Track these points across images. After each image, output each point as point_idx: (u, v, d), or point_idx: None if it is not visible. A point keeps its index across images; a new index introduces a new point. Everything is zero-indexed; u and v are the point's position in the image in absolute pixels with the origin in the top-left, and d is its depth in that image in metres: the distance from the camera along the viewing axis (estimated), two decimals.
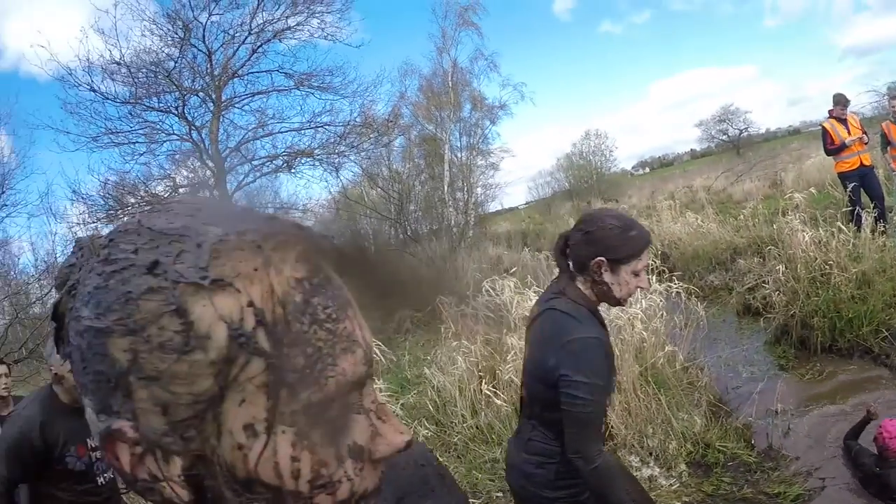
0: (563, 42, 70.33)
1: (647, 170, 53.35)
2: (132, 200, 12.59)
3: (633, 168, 51.23)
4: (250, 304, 0.44)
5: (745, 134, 39.29)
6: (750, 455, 4.28)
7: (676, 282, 5.87)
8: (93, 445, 2.71)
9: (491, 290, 6.36)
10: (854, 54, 69.92)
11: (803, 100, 67.89)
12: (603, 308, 2.08)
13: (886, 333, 5.65)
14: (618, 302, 2.01)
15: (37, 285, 12.70)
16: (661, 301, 5.52)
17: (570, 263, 2.02)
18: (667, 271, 6.45)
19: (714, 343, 6.34)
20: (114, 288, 0.45)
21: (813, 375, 5.66)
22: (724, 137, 40.71)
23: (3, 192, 9.79)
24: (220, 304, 0.44)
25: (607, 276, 1.92)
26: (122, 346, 0.44)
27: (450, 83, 17.85)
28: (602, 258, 1.90)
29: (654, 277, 5.90)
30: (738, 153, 32.41)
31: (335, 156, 13.94)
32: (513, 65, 50.01)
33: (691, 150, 52.79)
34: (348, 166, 15.44)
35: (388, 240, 17.14)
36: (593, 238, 1.93)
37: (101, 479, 2.80)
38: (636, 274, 1.95)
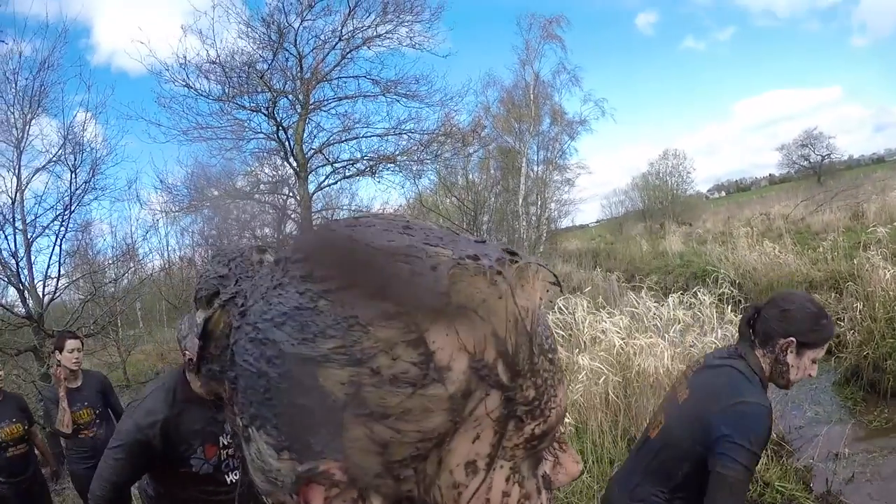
0: (644, 57, 69.72)
1: (723, 193, 52.28)
2: (214, 192, 13.23)
3: (708, 191, 50.39)
4: (494, 333, 0.42)
5: (827, 160, 38.05)
6: (808, 499, 4.21)
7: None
8: (225, 443, 2.42)
9: (563, 309, 6.42)
10: None
11: (890, 125, 65.23)
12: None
13: None
14: (787, 384, 2.00)
15: (113, 266, 13.71)
16: (735, 333, 5.47)
17: (754, 333, 2.01)
18: (743, 301, 6.46)
19: None
20: (327, 311, 0.41)
21: (881, 423, 5.54)
22: (806, 163, 39.54)
23: (92, 177, 10.43)
24: (464, 332, 0.41)
25: (790, 358, 1.93)
26: (341, 377, 0.40)
27: (531, 96, 18.08)
28: (793, 339, 1.91)
29: (728, 307, 5.91)
30: (819, 181, 31.50)
31: (416, 163, 14.21)
32: (594, 79, 49.98)
33: (770, 175, 51.66)
34: (427, 174, 15.73)
35: None
36: (790, 317, 1.93)
37: (230, 478, 2.47)
38: (814, 361, 1.96)
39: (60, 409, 4.11)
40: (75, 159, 10.23)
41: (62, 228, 10.15)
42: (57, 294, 10.34)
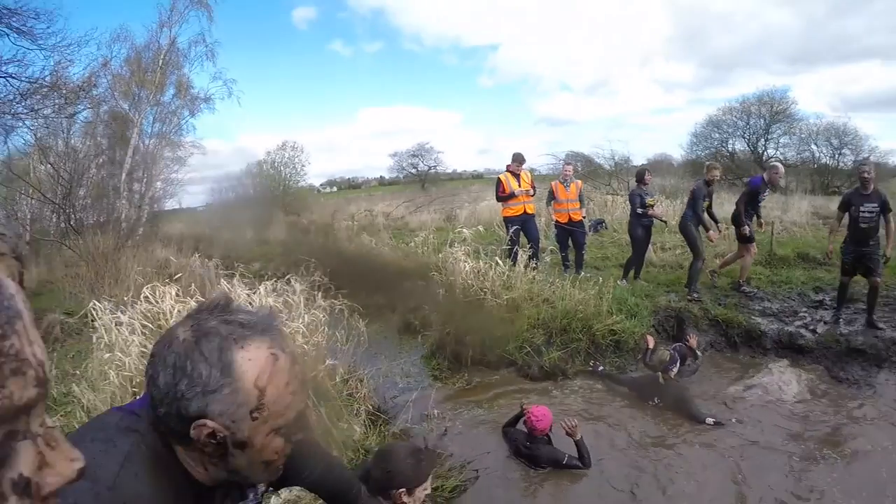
0: (289, 50, 69.77)
1: (335, 189, 54.74)
2: None
3: (321, 185, 52.19)
4: None
5: (433, 170, 42.43)
6: None
7: (341, 299, 6.04)
8: None
9: (151, 297, 5.59)
10: (547, 122, 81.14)
11: (492, 151, 77.44)
12: None
13: (529, 349, 6.74)
14: None
15: None
16: (324, 316, 5.59)
17: (370, 491, 2.18)
18: (333, 288, 6.59)
19: (375, 357, 6.65)
20: None
21: (463, 384, 6.48)
22: (414, 171, 43.59)
23: None
24: None
25: (407, 499, 2.42)
26: None
27: (160, 61, 16.20)
28: (403, 489, 2.41)
29: (319, 294, 5.96)
30: (423, 187, 34.85)
31: (9, 116, 11.62)
32: (230, 59, 47.50)
33: (381, 177, 55.61)
34: (21, 132, 13.24)
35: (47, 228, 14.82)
36: (394, 476, 2.42)
37: None
38: (426, 489, 2.48)
39: None
40: None
41: None
42: None
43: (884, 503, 4.29)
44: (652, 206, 9.13)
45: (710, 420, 5.54)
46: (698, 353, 6.75)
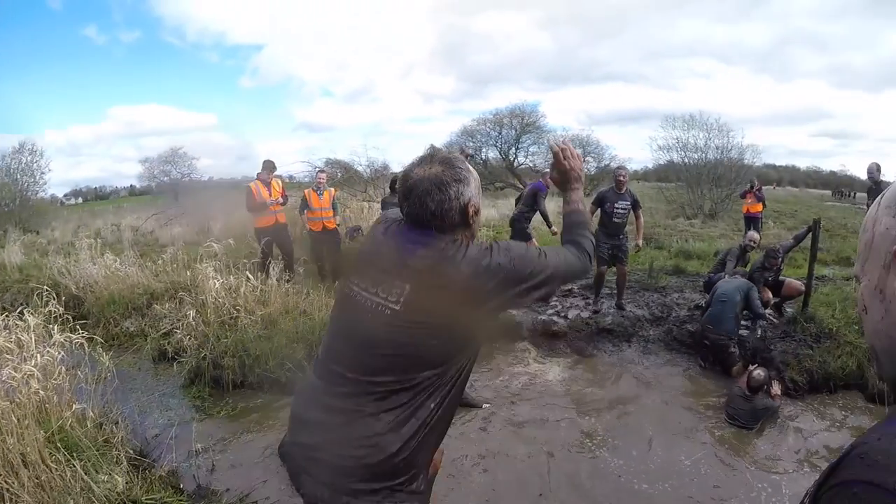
0: (39, 33, 59.43)
1: (81, 200, 49.78)
2: None
3: (65, 196, 47.16)
4: None
5: (186, 178, 39.72)
6: (182, 500, 4.26)
7: (80, 331, 5.29)
8: None
9: None
10: (307, 128, 79.33)
11: (251, 158, 73.16)
12: None
13: (291, 365, 6.50)
14: None
15: None
16: (60, 354, 4.89)
17: None
18: (71, 319, 6.02)
19: (130, 393, 6.13)
20: None
21: (228, 411, 6.08)
22: (166, 179, 40.39)
23: None
24: None
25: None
26: None
27: None
28: None
29: (55, 327, 5.28)
30: (177, 198, 32.72)
31: None
32: None
33: (131, 185, 51.21)
34: None
35: None
36: None
37: None
38: None
39: None
40: None
41: None
42: None
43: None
44: None
45: (485, 405, 6.04)
46: None
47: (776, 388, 6.00)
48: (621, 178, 8.29)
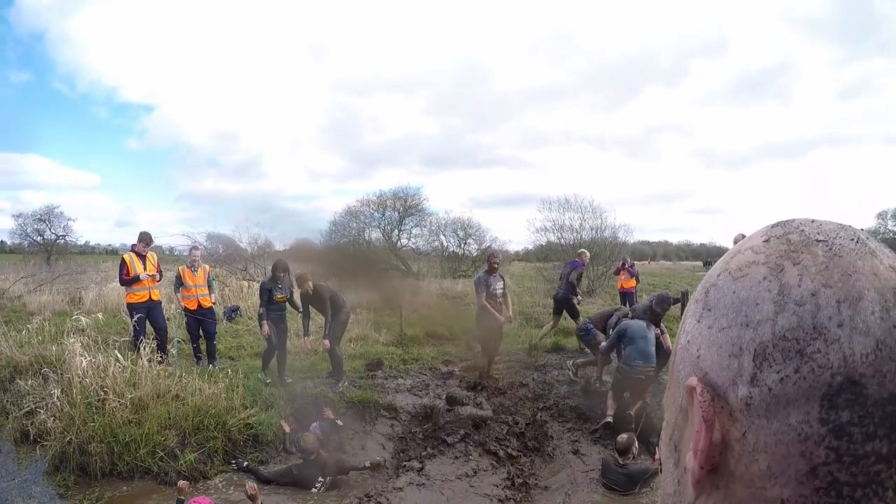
0: None
1: None
2: None
3: None
4: None
5: (62, 240, 37.70)
6: None
7: None
8: None
9: None
10: (191, 199, 76.90)
11: (131, 223, 71.05)
12: None
13: (163, 453, 6.29)
14: None
15: None
16: None
17: None
18: None
19: None
20: None
21: (93, 501, 5.80)
22: (40, 238, 38.14)
23: None
24: None
25: None
26: None
27: None
28: None
29: None
30: (49, 260, 30.98)
31: None
32: None
33: (1, 241, 47.91)
34: None
35: None
36: None
37: None
38: None
39: None
40: None
41: None
42: None
43: None
44: (282, 300, 8.99)
45: (367, 463, 6.53)
46: (338, 421, 7.30)
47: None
48: (496, 266, 9.24)
